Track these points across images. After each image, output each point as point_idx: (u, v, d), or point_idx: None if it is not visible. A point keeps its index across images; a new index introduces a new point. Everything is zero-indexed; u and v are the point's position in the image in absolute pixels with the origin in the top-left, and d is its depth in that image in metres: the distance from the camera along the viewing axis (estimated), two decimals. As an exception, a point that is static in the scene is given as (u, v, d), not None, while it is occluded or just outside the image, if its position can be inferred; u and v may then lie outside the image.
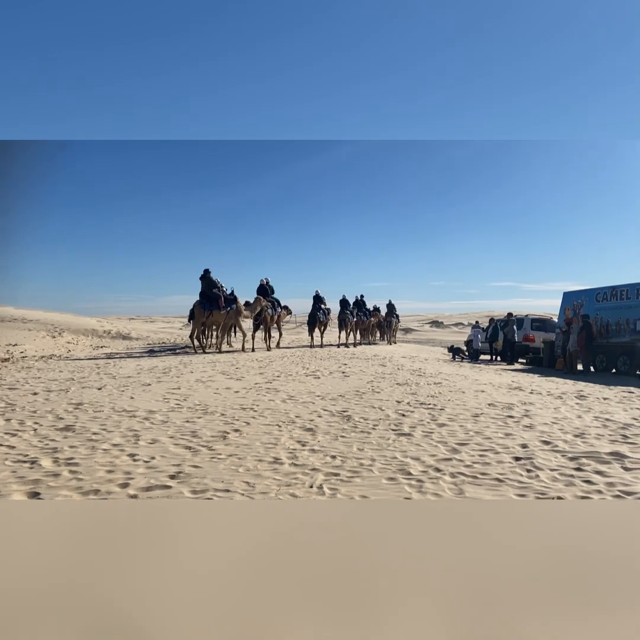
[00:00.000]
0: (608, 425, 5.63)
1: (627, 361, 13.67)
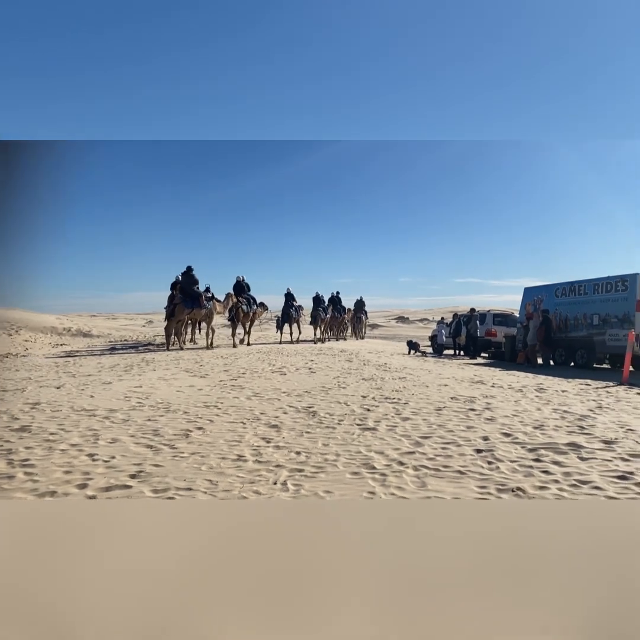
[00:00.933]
0: (566, 417, 5.79)
1: (584, 355, 14.11)
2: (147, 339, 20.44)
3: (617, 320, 13.08)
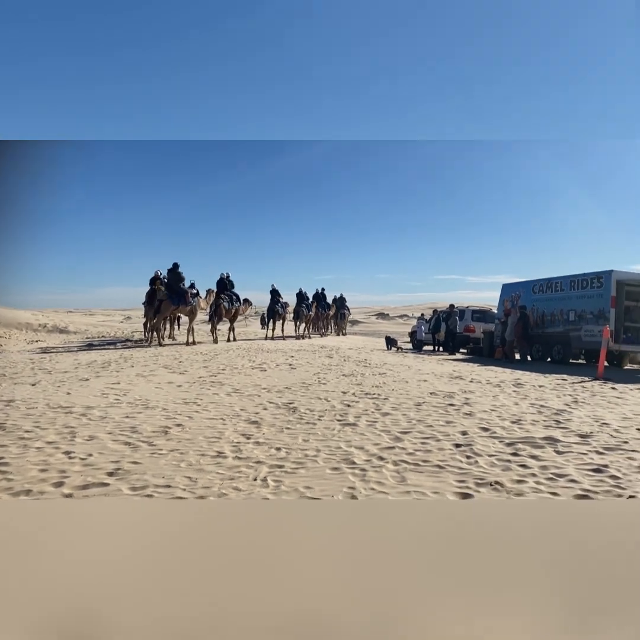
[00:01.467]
0: (543, 412, 5.88)
1: (561, 350, 14.35)
2: (125, 335, 20.19)
3: (592, 316, 13.31)
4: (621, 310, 12.90)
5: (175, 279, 15.08)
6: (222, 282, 17.02)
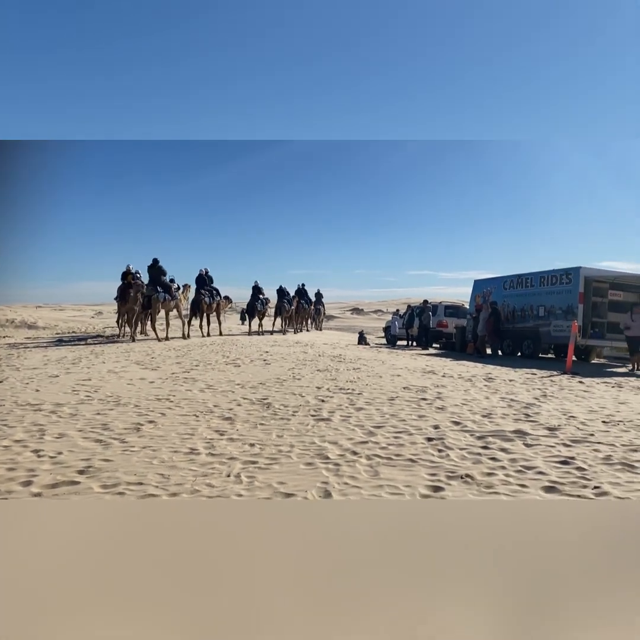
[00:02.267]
0: (513, 405, 6.00)
1: (530, 345, 14.67)
2: (96, 330, 19.83)
3: (561, 311, 13.62)
4: (589, 306, 13.24)
5: (158, 274, 15.07)
6: (201, 278, 17.11)
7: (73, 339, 15.77)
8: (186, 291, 16.79)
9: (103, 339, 15.62)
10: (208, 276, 17.45)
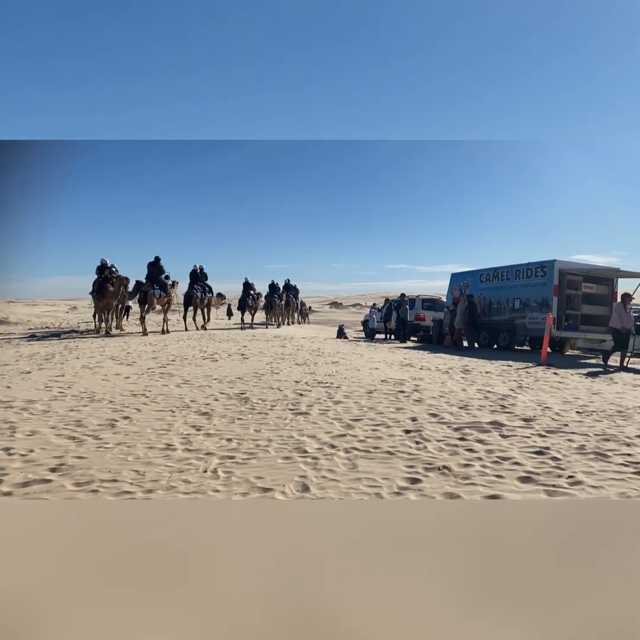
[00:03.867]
0: (489, 397, 6.07)
1: (506, 337, 14.86)
2: (70, 325, 19.48)
3: (536, 304, 13.82)
4: (563, 298, 13.45)
5: (157, 272, 15.73)
6: (195, 274, 17.91)
7: (46, 334, 15.46)
8: (175, 288, 17.21)
9: (77, 334, 15.35)
10: (203, 273, 18.28)
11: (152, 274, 15.67)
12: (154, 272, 15.70)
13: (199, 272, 18.13)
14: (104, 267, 15.24)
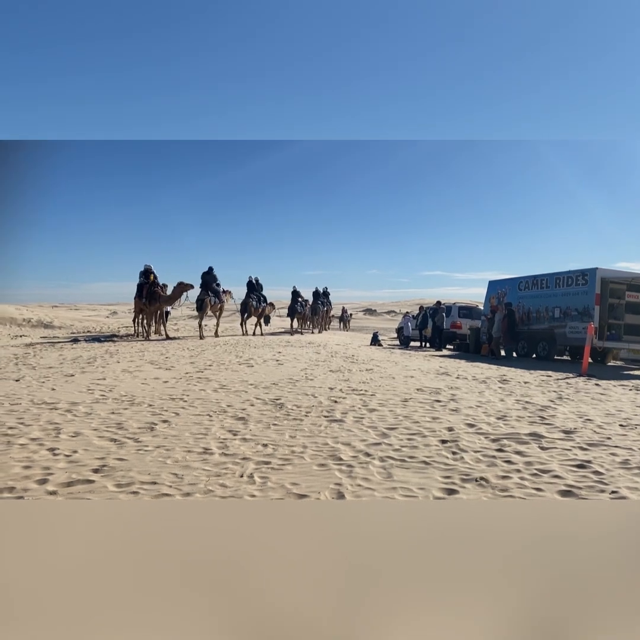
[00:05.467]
0: (528, 408, 5.94)
1: (546, 347, 14.50)
2: (111, 330, 20.02)
3: (577, 313, 13.46)
4: (605, 307, 13.06)
5: (211, 280, 16.77)
6: (251, 284, 19.22)
7: (88, 338, 15.93)
8: (227, 296, 18.27)
9: (118, 338, 15.76)
10: (258, 284, 19.53)
11: (206, 281, 16.64)
12: (208, 280, 16.67)
13: (254, 283, 19.32)
14: (148, 272, 16.04)
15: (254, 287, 19.26)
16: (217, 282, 17.02)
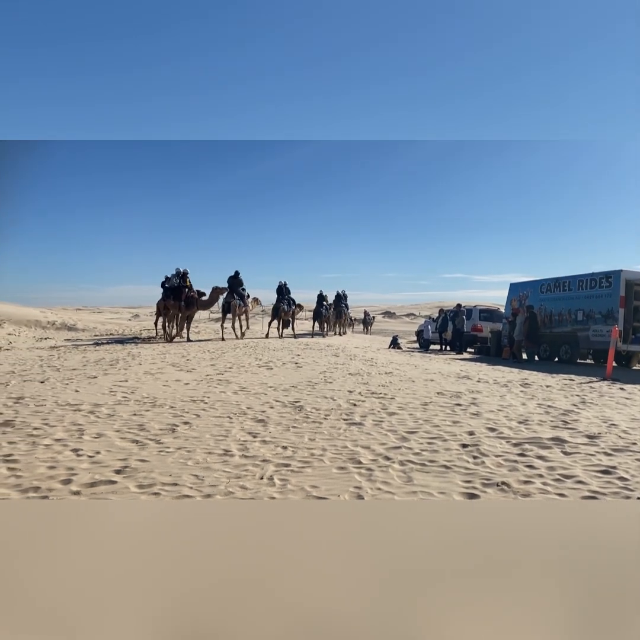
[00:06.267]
0: (550, 412, 5.85)
1: (568, 350, 14.27)
2: (133, 332, 20.29)
3: (600, 316, 13.22)
4: (630, 310, 12.82)
5: (237, 284, 17.85)
6: (280, 289, 20.05)
7: (110, 341, 16.17)
8: (254, 303, 19.54)
9: (139, 341, 15.97)
10: (286, 288, 20.30)
11: (232, 286, 17.64)
12: (235, 284, 17.68)
13: (284, 287, 20.12)
14: (185, 275, 16.82)
15: (283, 291, 20.13)
16: (242, 286, 17.89)
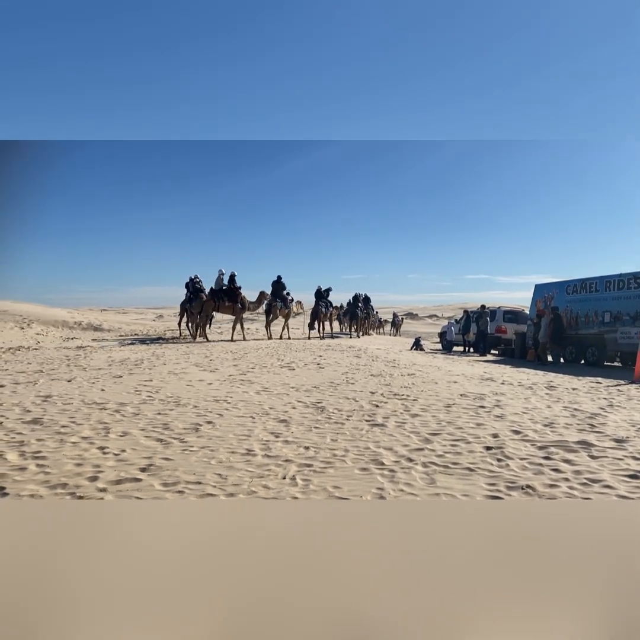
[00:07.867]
0: (576, 415, 5.75)
1: (595, 352, 14.00)
2: (157, 333, 20.56)
3: (629, 317, 12.94)
4: (660, 311, 12.52)
5: (280, 288, 19.25)
6: (319, 292, 21.08)
7: (135, 341, 16.41)
8: (298, 306, 20.74)
9: (164, 341, 16.18)
10: (324, 291, 21.37)
11: (276, 289, 19.12)
12: (277, 288, 19.11)
13: (321, 291, 21.08)
14: (233, 278, 17.41)
15: (321, 295, 21.12)
16: (285, 289, 19.36)
